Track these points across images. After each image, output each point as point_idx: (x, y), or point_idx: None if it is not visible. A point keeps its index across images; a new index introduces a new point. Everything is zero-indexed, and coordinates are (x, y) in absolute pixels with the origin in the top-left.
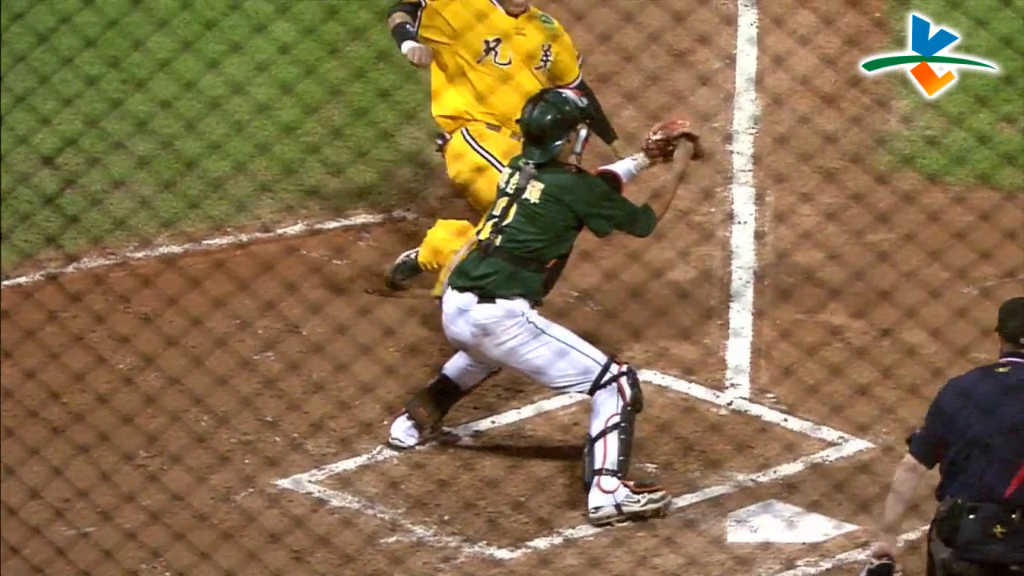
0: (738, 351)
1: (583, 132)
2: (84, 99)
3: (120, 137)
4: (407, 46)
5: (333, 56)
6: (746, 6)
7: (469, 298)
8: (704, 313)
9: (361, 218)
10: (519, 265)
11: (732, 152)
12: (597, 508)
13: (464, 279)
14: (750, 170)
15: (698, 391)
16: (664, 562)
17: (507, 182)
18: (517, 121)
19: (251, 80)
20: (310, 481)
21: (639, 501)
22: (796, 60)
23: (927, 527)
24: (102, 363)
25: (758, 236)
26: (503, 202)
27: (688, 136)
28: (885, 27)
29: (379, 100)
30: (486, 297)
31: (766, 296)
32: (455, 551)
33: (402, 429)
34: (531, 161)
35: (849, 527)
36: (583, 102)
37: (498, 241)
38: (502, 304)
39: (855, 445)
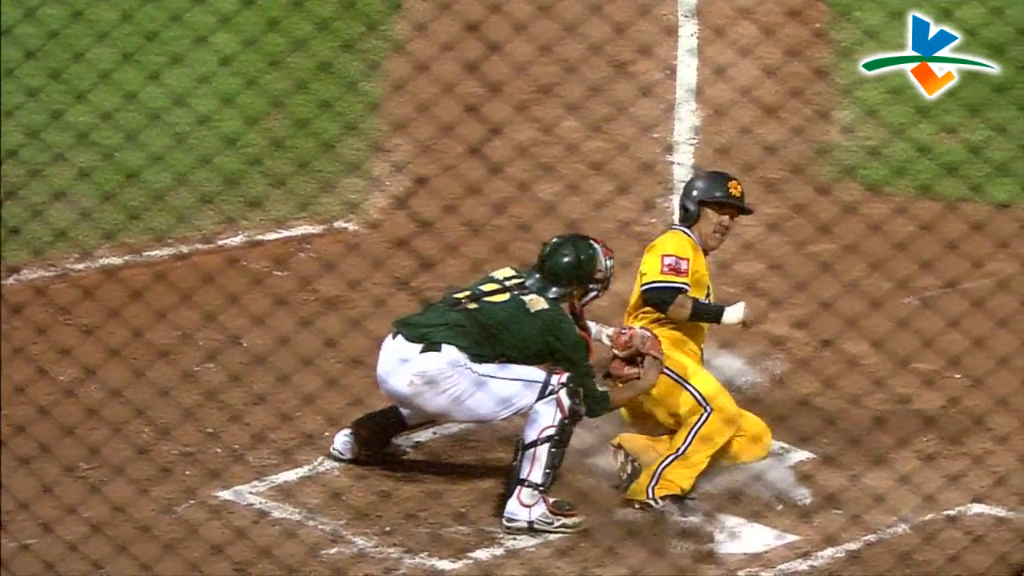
0: None
1: (592, 293)
2: (25, 111)
3: (61, 149)
4: (736, 313)
5: (275, 67)
6: (687, 17)
7: (413, 348)
8: None
9: (302, 229)
10: (478, 331)
11: (673, 163)
12: (511, 518)
13: (415, 328)
14: None
15: None
16: (606, 573)
17: (507, 278)
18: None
19: (192, 92)
20: (252, 493)
21: (552, 523)
22: (737, 71)
23: (869, 536)
24: (43, 375)
25: None
26: (494, 286)
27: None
28: (826, 38)
29: (321, 111)
30: (432, 346)
31: None
32: (397, 562)
33: (342, 442)
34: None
35: (790, 537)
36: (607, 265)
37: (471, 306)
38: (447, 351)
39: (797, 456)
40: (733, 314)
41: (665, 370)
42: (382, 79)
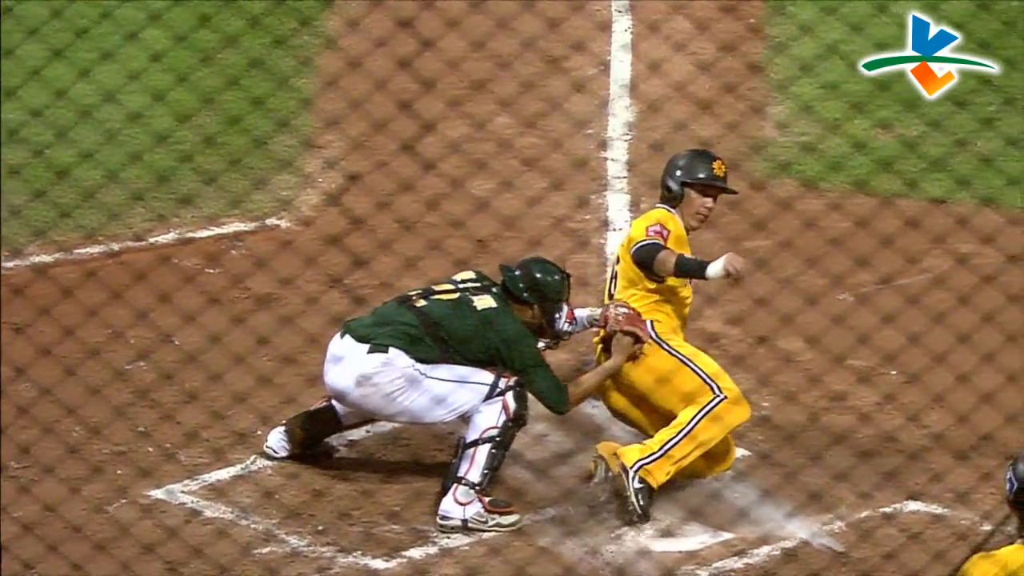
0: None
1: (550, 330)
2: None
3: None
4: (719, 266)
5: (205, 64)
6: (620, 12)
7: (360, 348)
8: None
9: (234, 226)
10: (425, 330)
11: (607, 159)
12: (445, 516)
13: (363, 328)
14: (625, 177)
15: None
16: (541, 572)
17: (463, 280)
18: (503, 269)
19: (123, 88)
20: (183, 491)
21: (486, 521)
22: (671, 66)
23: (806, 536)
24: None
25: None
26: (448, 286)
27: (633, 336)
28: (760, 33)
29: (252, 108)
30: (379, 347)
31: None
32: (330, 561)
33: (276, 440)
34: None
35: (726, 535)
36: (564, 330)
37: (420, 303)
38: (394, 353)
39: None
40: (716, 268)
41: (670, 350)
42: (314, 75)
